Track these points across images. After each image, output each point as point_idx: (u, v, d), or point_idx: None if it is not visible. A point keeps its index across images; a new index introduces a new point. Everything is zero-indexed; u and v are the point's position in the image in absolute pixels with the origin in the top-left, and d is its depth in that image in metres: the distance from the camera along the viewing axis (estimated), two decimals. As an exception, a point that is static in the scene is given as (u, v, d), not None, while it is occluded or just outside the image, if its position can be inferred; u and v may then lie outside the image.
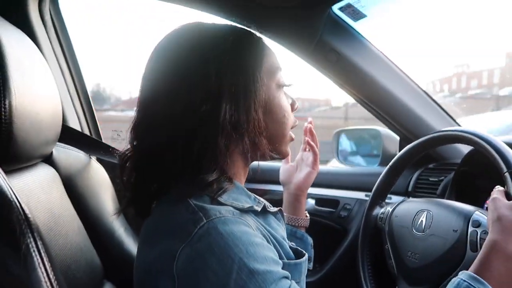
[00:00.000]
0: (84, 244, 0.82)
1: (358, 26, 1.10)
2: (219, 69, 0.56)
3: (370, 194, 0.99)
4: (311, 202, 1.37)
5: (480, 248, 0.64)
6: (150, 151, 0.57)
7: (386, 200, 1.00)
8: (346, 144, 1.53)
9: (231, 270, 0.47)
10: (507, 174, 0.68)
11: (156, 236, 0.55)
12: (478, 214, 0.75)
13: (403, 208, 0.91)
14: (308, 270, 0.82)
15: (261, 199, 0.65)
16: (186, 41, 0.59)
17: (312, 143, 0.87)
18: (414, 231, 0.85)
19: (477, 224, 0.73)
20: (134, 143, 0.60)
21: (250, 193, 0.63)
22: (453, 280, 0.61)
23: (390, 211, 0.92)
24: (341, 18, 1.06)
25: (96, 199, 0.91)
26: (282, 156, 0.67)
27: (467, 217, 0.75)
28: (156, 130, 0.57)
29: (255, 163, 0.67)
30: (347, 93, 1.20)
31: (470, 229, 0.73)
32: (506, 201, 0.65)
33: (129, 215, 1.00)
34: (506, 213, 0.63)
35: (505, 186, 0.68)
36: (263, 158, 0.64)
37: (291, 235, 0.87)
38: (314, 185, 0.96)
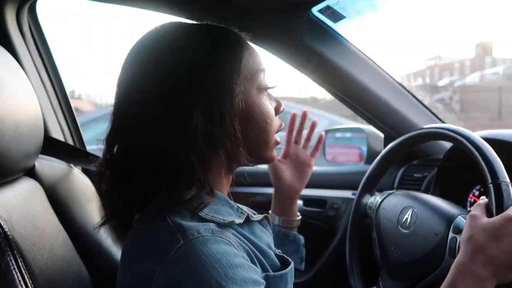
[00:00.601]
0: (70, 256, 0.81)
1: (338, 27, 1.12)
2: (190, 76, 0.53)
3: (357, 191, 1.00)
4: (299, 202, 1.38)
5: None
6: (122, 166, 0.55)
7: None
8: (332, 143, 1.54)
9: None
10: (491, 186, 0.64)
11: (135, 257, 0.53)
12: (460, 218, 0.74)
13: (391, 202, 0.91)
14: (298, 270, 0.82)
15: (245, 208, 0.63)
16: (157, 44, 0.56)
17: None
18: (399, 227, 0.86)
19: (458, 230, 0.72)
20: (107, 156, 0.57)
21: (233, 203, 0.61)
22: None
23: (379, 201, 0.92)
24: (321, 20, 1.07)
25: (81, 210, 0.90)
26: (267, 162, 0.65)
27: (449, 221, 0.74)
28: (127, 145, 0.55)
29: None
30: (330, 93, 1.21)
31: (451, 235, 0.72)
32: (482, 221, 0.60)
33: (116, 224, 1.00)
34: (477, 235, 0.59)
35: (488, 198, 0.65)
36: (246, 166, 0.61)
37: (284, 238, 0.86)
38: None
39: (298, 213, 0.89)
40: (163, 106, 0.52)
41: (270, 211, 0.89)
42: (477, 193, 1.07)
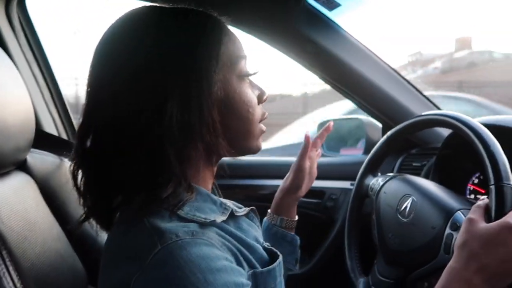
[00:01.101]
0: (64, 250, 0.80)
1: (333, 15, 1.10)
2: (164, 64, 0.49)
3: (359, 171, 0.98)
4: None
5: (453, 252, 0.61)
6: (96, 161, 0.52)
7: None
8: (330, 134, 1.53)
9: None
10: (493, 188, 0.61)
11: (113, 260, 0.51)
12: (459, 214, 0.71)
13: (392, 186, 0.89)
14: (289, 269, 0.81)
15: (229, 203, 0.60)
16: (128, 31, 0.52)
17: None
18: (398, 214, 0.84)
19: (455, 227, 0.69)
20: (80, 152, 0.54)
21: (216, 198, 0.57)
22: None
23: (381, 184, 0.91)
24: (316, 8, 1.06)
25: (75, 204, 0.89)
26: (252, 152, 0.61)
27: (448, 215, 0.72)
28: (99, 137, 0.52)
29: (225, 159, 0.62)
30: (325, 82, 1.20)
31: (447, 231, 0.70)
32: (478, 227, 0.57)
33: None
34: (472, 241, 0.57)
35: (489, 199, 0.61)
36: (230, 156, 0.59)
37: (281, 239, 0.84)
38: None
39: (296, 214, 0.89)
40: (136, 96, 0.49)
41: (269, 211, 0.87)
42: (476, 181, 1.06)
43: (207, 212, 0.54)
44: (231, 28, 0.59)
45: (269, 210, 0.87)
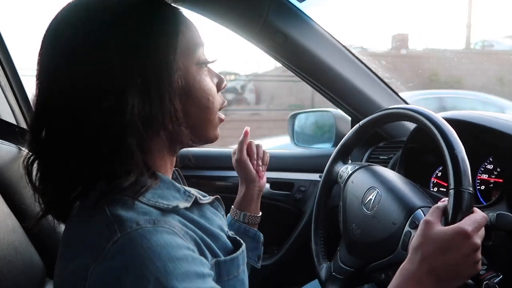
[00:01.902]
0: (19, 243, 0.77)
1: (303, 7, 1.10)
2: (122, 54, 0.48)
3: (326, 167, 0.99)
4: (267, 186, 1.37)
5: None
6: (51, 156, 0.50)
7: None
8: (300, 127, 1.53)
9: None
10: (452, 192, 0.62)
11: (70, 250, 0.49)
12: (420, 212, 0.73)
13: (360, 176, 0.90)
14: (266, 252, 0.81)
15: (193, 190, 0.60)
16: (81, 19, 0.50)
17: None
18: (362, 206, 0.85)
19: (414, 225, 0.71)
20: (33, 146, 0.52)
21: (179, 186, 0.57)
22: None
23: (349, 173, 0.92)
24: (286, -1, 1.05)
25: (32, 195, 0.85)
26: (211, 141, 0.62)
27: (409, 213, 0.73)
28: (54, 131, 0.50)
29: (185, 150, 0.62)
30: (296, 75, 1.19)
31: (406, 228, 0.71)
32: (434, 230, 0.59)
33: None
34: (426, 245, 0.58)
35: (448, 202, 0.63)
36: (191, 146, 0.59)
37: (244, 234, 0.85)
38: (269, 169, 0.95)
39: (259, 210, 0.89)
40: (95, 87, 0.48)
41: (232, 206, 0.88)
42: (439, 174, 1.09)
43: (170, 199, 0.53)
44: (197, 15, 0.58)
45: (232, 206, 0.88)
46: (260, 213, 0.89)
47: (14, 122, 1.09)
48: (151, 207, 0.50)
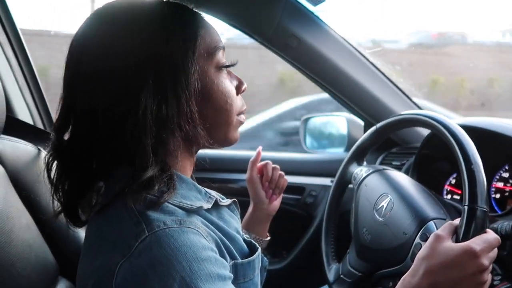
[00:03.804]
0: (34, 240, 0.78)
1: (318, 10, 1.10)
2: (139, 57, 0.50)
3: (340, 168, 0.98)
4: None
5: None
6: (72, 155, 0.53)
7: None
8: (312, 131, 1.53)
9: None
10: (466, 208, 0.61)
11: (97, 246, 0.51)
12: (432, 224, 0.71)
13: (374, 181, 0.89)
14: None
15: (213, 192, 0.61)
16: (105, 24, 0.53)
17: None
18: (374, 212, 0.84)
19: (425, 237, 0.69)
20: (56, 144, 0.55)
21: (200, 187, 0.59)
22: None
23: (364, 176, 0.90)
24: (299, 3, 1.05)
25: (48, 194, 0.87)
26: (229, 143, 0.62)
27: (421, 224, 0.72)
28: (78, 130, 0.53)
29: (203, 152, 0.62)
30: (308, 78, 1.19)
31: (417, 240, 0.70)
32: (442, 245, 0.58)
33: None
34: (432, 258, 0.58)
35: (460, 219, 0.62)
36: (209, 148, 0.59)
37: None
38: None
39: (268, 233, 0.87)
40: (113, 88, 0.50)
41: (240, 225, 0.86)
42: (453, 181, 1.07)
43: (192, 199, 0.55)
44: (214, 19, 0.59)
45: (240, 225, 0.86)
46: (269, 237, 0.87)
47: (31, 122, 1.11)
48: (176, 207, 0.52)
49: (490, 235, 0.59)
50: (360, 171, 0.93)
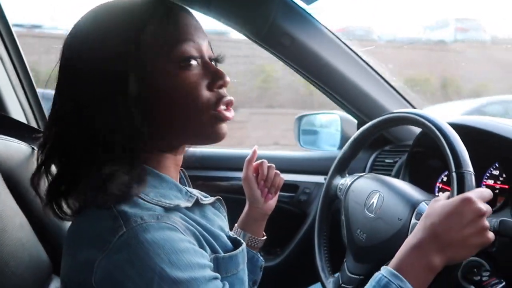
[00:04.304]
0: (27, 239, 0.78)
1: (311, 9, 1.10)
2: (85, 62, 0.53)
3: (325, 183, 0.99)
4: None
5: None
6: (57, 154, 0.56)
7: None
8: (306, 128, 1.53)
9: (151, 282, 0.45)
10: (454, 174, 0.65)
11: (75, 244, 0.52)
12: (424, 204, 0.74)
13: (360, 184, 0.91)
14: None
15: (195, 191, 0.60)
16: (82, 32, 0.55)
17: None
18: (366, 210, 0.86)
19: (420, 216, 0.70)
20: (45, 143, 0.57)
21: (181, 186, 0.58)
22: (375, 275, 0.60)
23: (349, 184, 0.92)
24: (293, 1, 1.05)
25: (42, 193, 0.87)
26: (213, 140, 0.59)
27: (413, 206, 0.75)
28: (61, 134, 0.55)
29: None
30: (302, 77, 1.19)
31: (413, 221, 0.72)
32: (442, 202, 0.61)
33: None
34: (432, 214, 0.60)
35: (451, 186, 0.65)
36: (194, 146, 0.60)
37: None
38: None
39: (264, 233, 0.88)
40: (78, 94, 0.53)
41: (236, 225, 0.87)
42: (445, 179, 1.08)
43: (172, 198, 0.55)
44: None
45: (236, 224, 0.87)
46: (265, 237, 0.87)
47: (24, 121, 1.11)
48: (154, 205, 0.52)
49: (482, 188, 0.62)
50: (344, 181, 0.95)
